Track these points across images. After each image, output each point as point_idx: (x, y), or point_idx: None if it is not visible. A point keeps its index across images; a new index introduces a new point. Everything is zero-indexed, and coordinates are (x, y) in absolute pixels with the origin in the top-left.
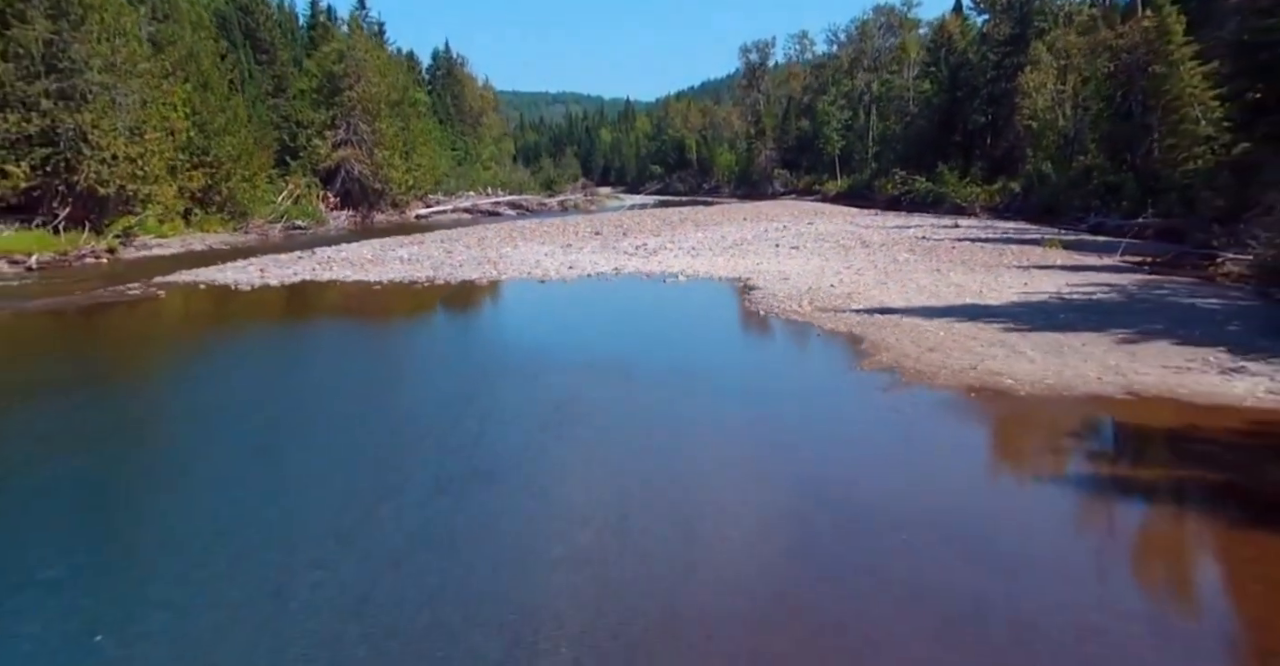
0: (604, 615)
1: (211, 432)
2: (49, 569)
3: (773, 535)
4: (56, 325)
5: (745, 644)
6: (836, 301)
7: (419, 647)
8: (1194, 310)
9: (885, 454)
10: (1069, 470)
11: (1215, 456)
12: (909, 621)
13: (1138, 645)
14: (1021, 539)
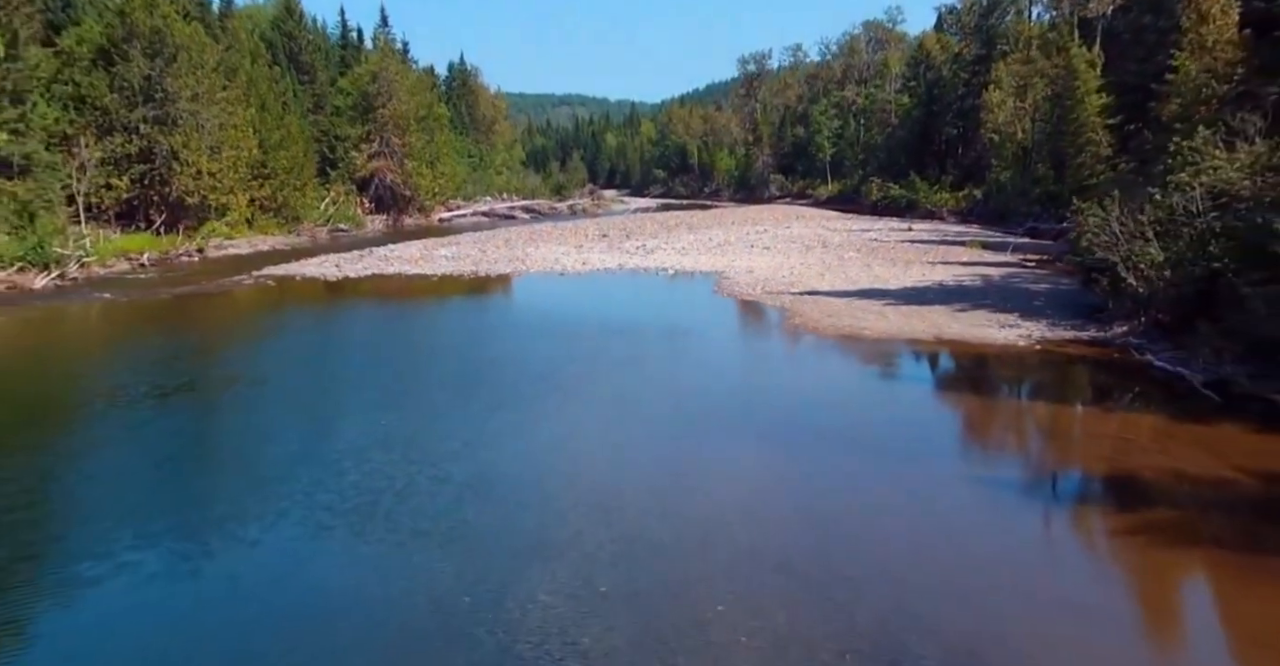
0: (624, 403)
1: (370, 361)
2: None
3: (693, 397)
4: (210, 304)
5: (670, 445)
6: (781, 287)
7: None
8: (1023, 292)
9: (772, 364)
10: (870, 371)
11: (964, 366)
12: (753, 422)
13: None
14: (829, 400)
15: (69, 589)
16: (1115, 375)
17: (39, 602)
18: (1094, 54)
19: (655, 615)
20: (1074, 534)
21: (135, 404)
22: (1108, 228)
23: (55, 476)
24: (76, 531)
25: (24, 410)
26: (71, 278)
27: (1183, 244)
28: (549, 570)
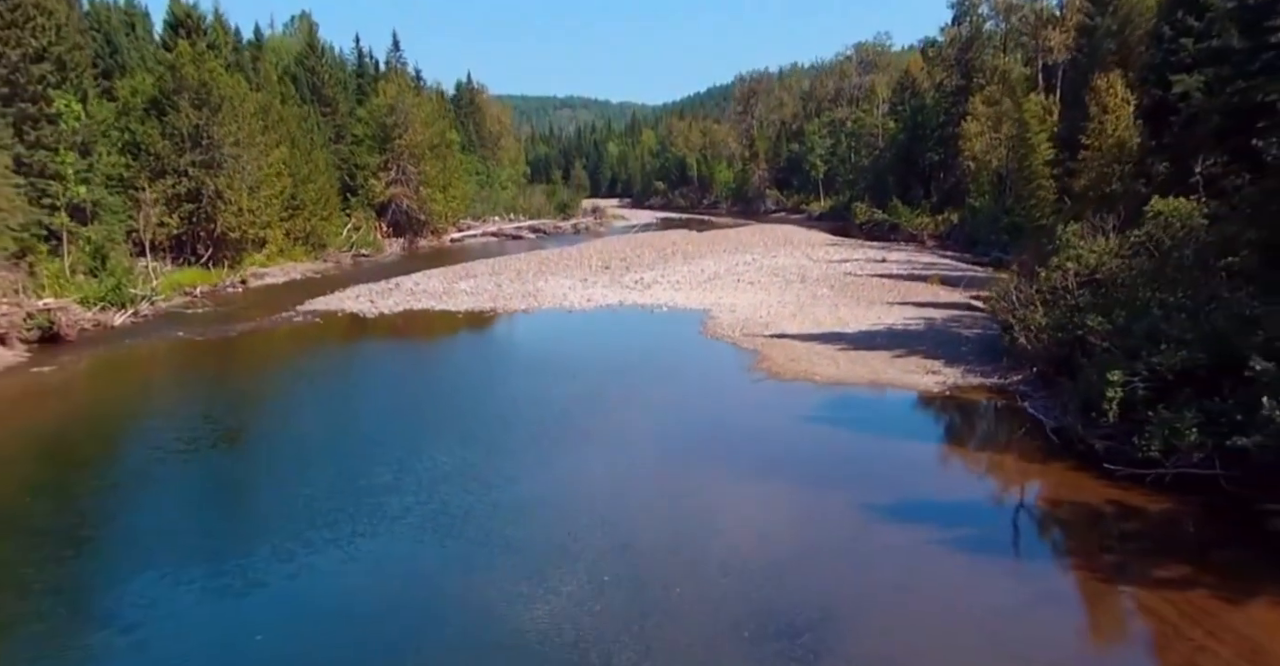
0: (627, 409)
1: (414, 390)
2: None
3: (673, 434)
4: (272, 342)
5: (650, 428)
6: (756, 329)
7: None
8: (955, 338)
9: (738, 407)
10: (809, 413)
11: (884, 408)
12: (708, 429)
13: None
14: (771, 437)
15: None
16: (995, 418)
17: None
18: (1051, 101)
19: (638, 593)
20: (904, 536)
21: (251, 433)
22: (1008, 294)
23: (227, 484)
24: (244, 526)
25: (167, 443)
26: (144, 315)
27: (1058, 312)
28: (569, 563)
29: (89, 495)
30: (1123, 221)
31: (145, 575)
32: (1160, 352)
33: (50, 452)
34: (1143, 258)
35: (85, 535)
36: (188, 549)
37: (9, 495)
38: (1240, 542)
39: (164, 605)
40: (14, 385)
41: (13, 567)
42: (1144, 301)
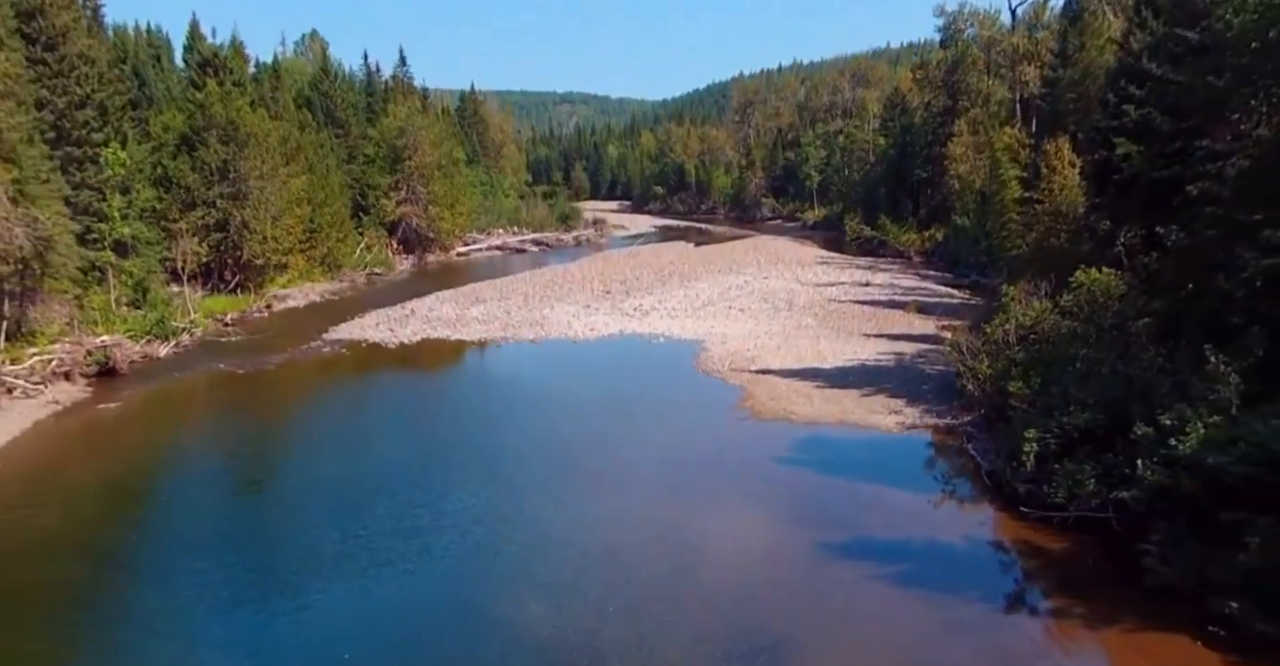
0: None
1: (441, 430)
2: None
3: (662, 470)
4: (307, 374)
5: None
6: (743, 364)
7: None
8: (919, 376)
9: (722, 442)
10: (784, 452)
11: (846, 447)
12: (677, 455)
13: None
14: (747, 473)
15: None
16: (941, 459)
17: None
18: (1025, 135)
19: (636, 622)
20: (849, 572)
21: (300, 472)
22: (960, 345)
23: (290, 521)
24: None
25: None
26: (184, 345)
27: (1000, 364)
28: (582, 596)
29: (166, 526)
30: (1061, 277)
31: (240, 608)
32: (1069, 414)
33: (125, 487)
34: (1072, 319)
35: (167, 564)
36: (270, 581)
37: (95, 528)
38: (1119, 578)
39: (261, 629)
40: (85, 422)
41: (112, 597)
42: (1071, 358)
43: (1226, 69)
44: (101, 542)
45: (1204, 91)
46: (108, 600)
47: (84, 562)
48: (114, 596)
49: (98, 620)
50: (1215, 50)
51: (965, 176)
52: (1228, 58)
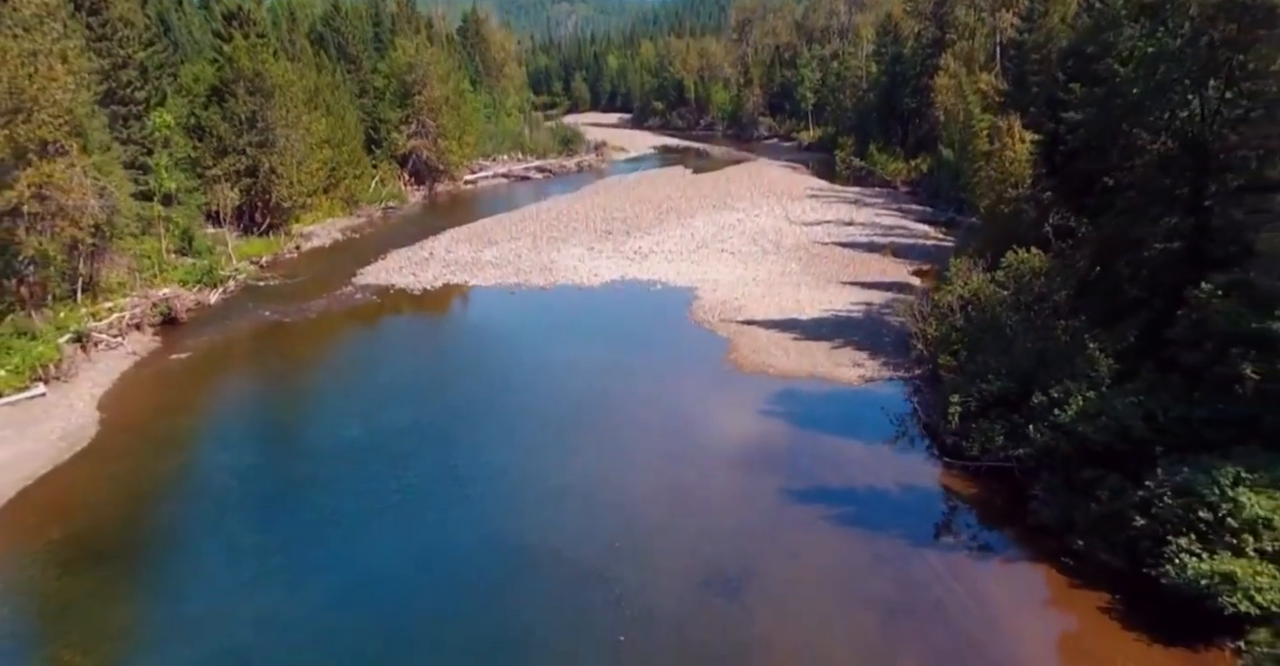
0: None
1: (466, 384)
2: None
3: (657, 413)
4: (344, 323)
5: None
6: (731, 314)
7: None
8: (883, 327)
9: (708, 395)
10: (760, 404)
11: (813, 399)
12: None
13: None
14: (731, 422)
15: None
16: (890, 410)
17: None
18: (999, 82)
19: (637, 558)
20: (804, 513)
21: (357, 418)
22: (913, 308)
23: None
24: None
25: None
26: (230, 292)
27: (944, 328)
28: (593, 539)
29: (248, 471)
30: (1001, 252)
31: (321, 540)
32: (987, 381)
33: (209, 435)
34: (1005, 289)
35: (255, 504)
36: (343, 520)
37: (192, 474)
38: (1014, 517)
39: (338, 556)
40: (162, 372)
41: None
42: (999, 327)
43: (1121, 99)
44: (198, 486)
45: (1104, 117)
46: (212, 535)
47: (188, 503)
48: (217, 532)
49: (205, 551)
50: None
51: (950, 109)
52: (1117, 97)
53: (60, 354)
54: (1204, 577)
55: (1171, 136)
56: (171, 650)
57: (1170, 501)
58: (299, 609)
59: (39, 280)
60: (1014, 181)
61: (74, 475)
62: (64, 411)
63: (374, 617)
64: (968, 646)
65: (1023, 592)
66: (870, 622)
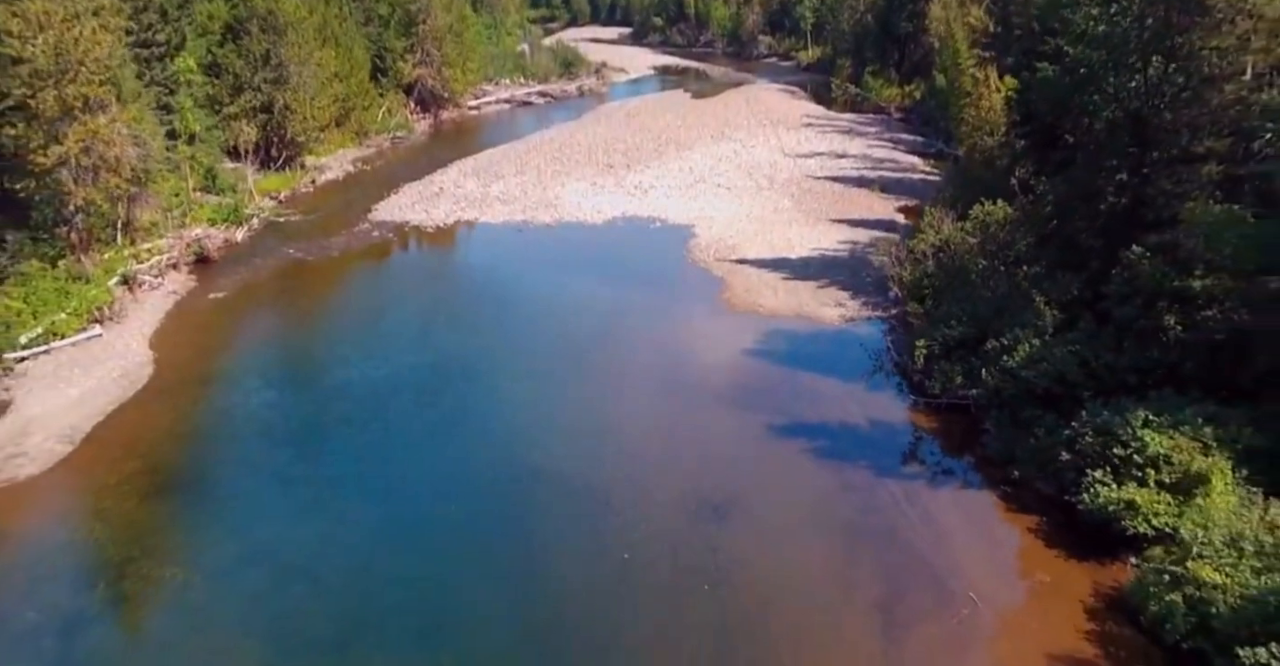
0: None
1: (483, 309)
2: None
3: (656, 352)
4: (364, 261)
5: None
6: (725, 253)
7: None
8: (865, 266)
9: (702, 335)
10: (750, 342)
11: (796, 338)
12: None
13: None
14: (722, 360)
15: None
16: (865, 349)
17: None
18: (988, 21)
19: (635, 486)
20: (785, 446)
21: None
22: (891, 252)
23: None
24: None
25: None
26: (254, 229)
27: (917, 272)
28: (599, 467)
29: (292, 407)
30: (971, 200)
31: (362, 464)
32: (950, 327)
33: (254, 372)
34: (973, 237)
35: (304, 438)
36: (384, 449)
37: (244, 410)
38: (965, 448)
39: (379, 476)
40: (202, 311)
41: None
42: (965, 274)
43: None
44: (248, 423)
45: (1060, 87)
46: (265, 467)
47: (241, 439)
48: (269, 465)
49: (261, 482)
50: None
51: (944, 35)
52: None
53: (112, 296)
54: (1112, 504)
55: (1118, 108)
56: (242, 569)
57: (1091, 439)
58: (347, 533)
59: (86, 227)
60: (989, 129)
61: (138, 412)
62: (120, 351)
63: (412, 540)
64: (916, 562)
65: (967, 516)
66: (836, 543)
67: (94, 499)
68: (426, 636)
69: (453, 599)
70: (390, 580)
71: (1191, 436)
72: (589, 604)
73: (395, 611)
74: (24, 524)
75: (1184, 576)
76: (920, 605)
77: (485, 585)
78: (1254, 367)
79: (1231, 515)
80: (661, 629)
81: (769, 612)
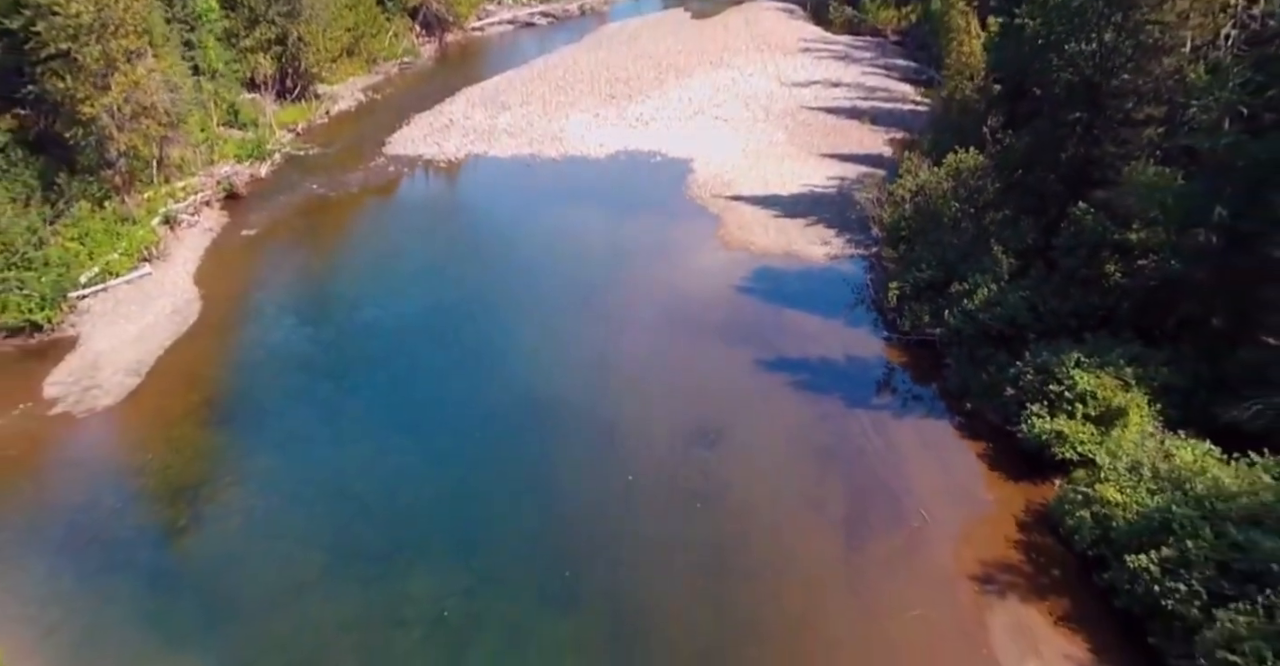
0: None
1: (496, 246)
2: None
3: (657, 291)
4: (383, 196)
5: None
6: (722, 189)
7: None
8: (850, 203)
9: (698, 273)
10: (742, 278)
11: (784, 275)
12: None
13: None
14: (715, 297)
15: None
16: (847, 286)
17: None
18: None
19: (638, 414)
20: (768, 379)
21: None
22: (873, 195)
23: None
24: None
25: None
26: (277, 163)
27: (896, 214)
28: (607, 397)
29: (328, 339)
30: (947, 147)
31: (399, 396)
32: (920, 270)
33: (292, 307)
34: (947, 183)
35: (342, 368)
36: (418, 378)
37: (288, 344)
38: (929, 381)
39: (413, 402)
40: (238, 248)
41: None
42: (938, 217)
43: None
44: (291, 357)
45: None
46: (311, 398)
47: (286, 372)
48: (314, 396)
49: (309, 411)
50: None
51: None
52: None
53: (157, 236)
54: (1045, 434)
55: (1074, 72)
56: (299, 490)
57: (1031, 377)
58: (386, 458)
59: (128, 169)
60: (970, 73)
61: (193, 347)
62: (170, 289)
63: (442, 464)
64: (878, 483)
65: (925, 442)
66: (810, 467)
67: (164, 428)
68: (459, 546)
69: (479, 515)
70: (426, 499)
71: (1115, 375)
72: (598, 520)
73: (431, 526)
74: (109, 450)
75: (1093, 496)
76: (879, 520)
77: (507, 504)
78: (1175, 312)
79: (1135, 445)
80: (661, 540)
81: (751, 526)
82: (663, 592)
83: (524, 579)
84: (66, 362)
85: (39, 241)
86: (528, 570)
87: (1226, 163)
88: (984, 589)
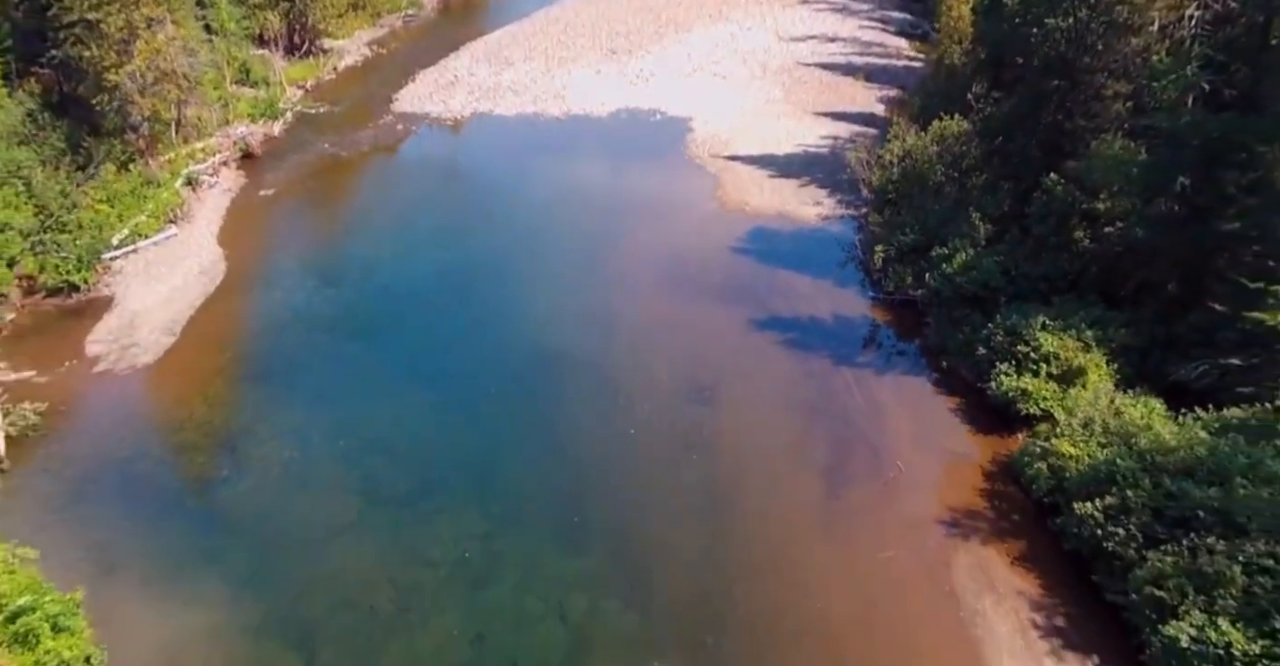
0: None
1: (502, 208)
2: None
3: (656, 249)
4: (393, 154)
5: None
6: (719, 149)
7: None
8: (844, 165)
9: (696, 232)
10: (736, 237)
11: (777, 235)
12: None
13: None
14: (712, 258)
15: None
16: (837, 247)
17: None
18: None
19: (636, 371)
20: (760, 337)
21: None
22: (861, 158)
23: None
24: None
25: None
26: (289, 122)
27: (884, 177)
28: (605, 346)
29: (351, 300)
30: (934, 112)
31: (418, 361)
32: (904, 234)
33: (317, 269)
34: (933, 148)
35: (368, 329)
36: (438, 339)
37: (312, 304)
38: (910, 340)
39: (434, 361)
40: (256, 208)
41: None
42: (923, 180)
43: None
44: (314, 318)
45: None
46: (336, 357)
47: (311, 332)
48: (340, 355)
49: (334, 369)
50: None
51: None
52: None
53: (181, 198)
54: (1012, 391)
55: (1051, 47)
56: (330, 443)
57: (1001, 338)
58: (409, 412)
59: (151, 133)
60: (958, 38)
61: (222, 306)
62: (195, 249)
63: (461, 417)
64: (857, 436)
65: (903, 397)
66: (796, 421)
67: (200, 383)
68: (478, 492)
69: (495, 465)
70: (446, 449)
71: (1076, 337)
72: (603, 468)
73: (452, 474)
74: (151, 405)
75: (1050, 449)
76: (857, 470)
77: (520, 454)
78: (1136, 277)
79: (1090, 402)
80: (661, 486)
81: (741, 475)
82: (662, 533)
83: (537, 522)
84: (105, 322)
85: (71, 204)
86: (540, 514)
87: (1184, 140)
88: (950, 532)
